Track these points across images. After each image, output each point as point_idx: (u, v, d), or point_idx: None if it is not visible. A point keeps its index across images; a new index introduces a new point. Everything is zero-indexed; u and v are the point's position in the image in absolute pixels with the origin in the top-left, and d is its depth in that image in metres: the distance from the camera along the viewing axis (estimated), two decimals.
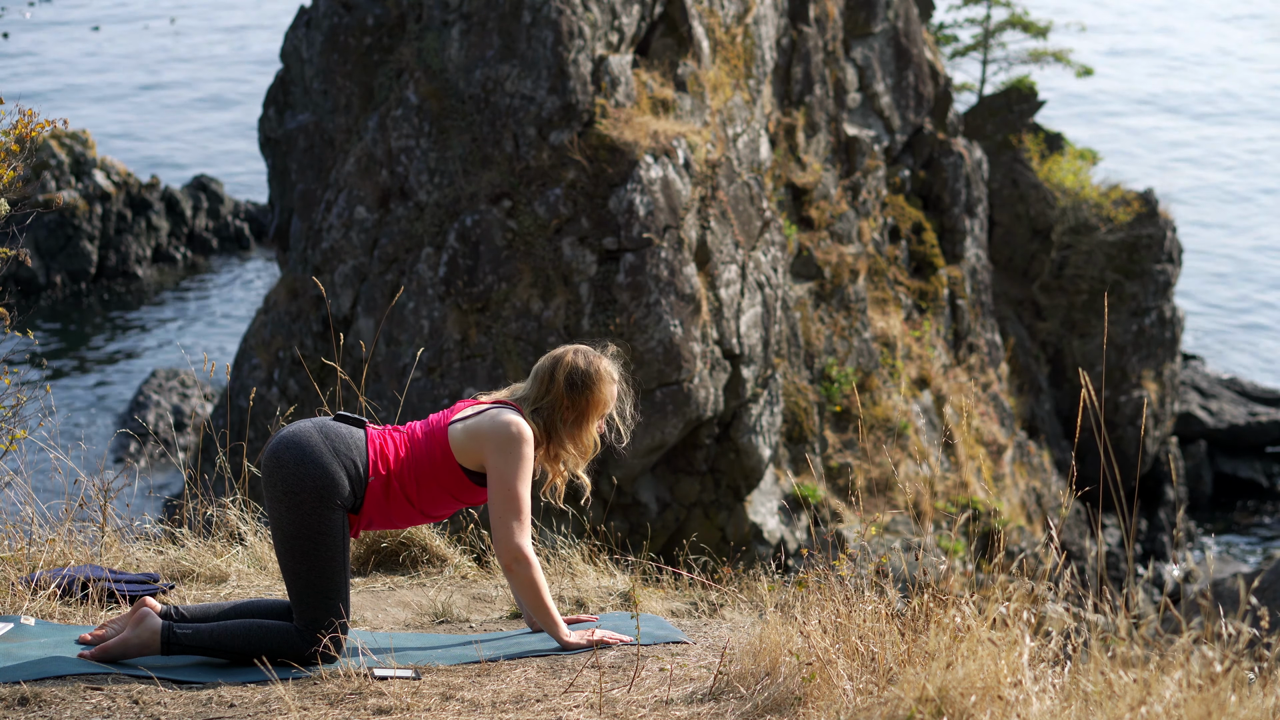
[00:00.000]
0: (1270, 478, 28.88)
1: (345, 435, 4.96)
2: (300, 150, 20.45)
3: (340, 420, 5.04)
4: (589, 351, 5.19)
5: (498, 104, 18.24)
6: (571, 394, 5.12)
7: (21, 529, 6.05)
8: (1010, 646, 3.99)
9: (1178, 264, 27.81)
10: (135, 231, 34.25)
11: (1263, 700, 3.74)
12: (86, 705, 4.47)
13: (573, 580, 6.27)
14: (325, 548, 4.84)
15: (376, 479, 4.93)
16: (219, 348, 29.66)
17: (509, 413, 5.06)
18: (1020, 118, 28.11)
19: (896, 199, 24.12)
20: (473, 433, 5.02)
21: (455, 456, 5.00)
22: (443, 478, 5.00)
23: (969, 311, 24.29)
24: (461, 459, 5.01)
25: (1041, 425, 25.86)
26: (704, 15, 20.07)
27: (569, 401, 5.12)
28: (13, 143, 6.05)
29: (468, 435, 5.02)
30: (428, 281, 17.85)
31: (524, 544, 4.95)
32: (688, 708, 4.42)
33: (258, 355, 19.26)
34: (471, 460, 5.01)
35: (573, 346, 5.20)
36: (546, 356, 5.20)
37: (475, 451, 5.00)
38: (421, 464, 5.01)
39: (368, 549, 6.42)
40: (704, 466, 18.48)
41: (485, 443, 4.99)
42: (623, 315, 17.54)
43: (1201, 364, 31.23)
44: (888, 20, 24.36)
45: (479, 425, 5.02)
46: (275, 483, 4.87)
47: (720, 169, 18.77)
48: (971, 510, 20.30)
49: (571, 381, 5.11)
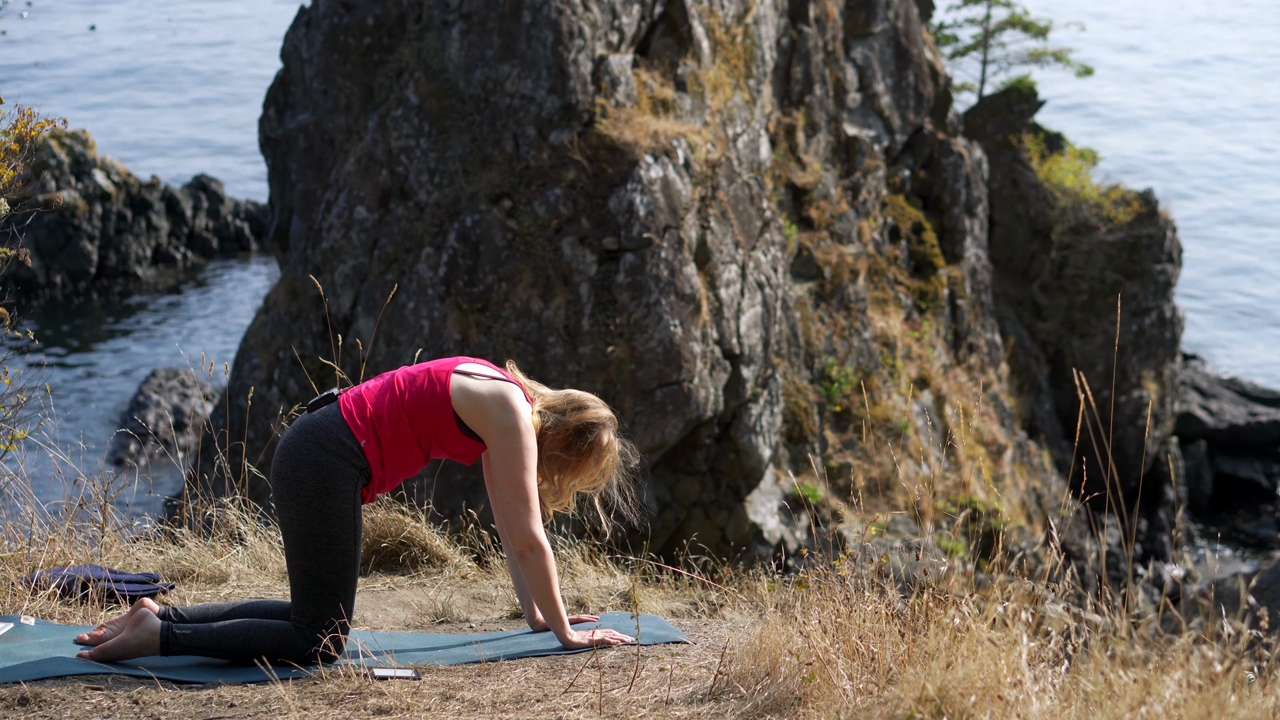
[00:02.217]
0: (1270, 478, 28.87)
1: (321, 421, 4.98)
2: (300, 150, 20.45)
3: (314, 407, 5.06)
4: (614, 426, 5.25)
5: (498, 104, 18.24)
6: (571, 437, 5.18)
7: (21, 529, 6.05)
8: (1010, 646, 3.99)
9: (1178, 264, 27.81)
10: (135, 231, 34.25)
11: (1263, 700, 3.74)
12: (86, 705, 4.47)
13: (573, 580, 6.27)
14: (338, 543, 4.88)
15: (367, 440, 4.96)
16: (219, 348, 29.66)
17: (515, 398, 5.08)
18: (1020, 118, 28.11)
19: (896, 199, 24.11)
20: (474, 399, 5.03)
21: (452, 400, 5.02)
22: (435, 417, 5.01)
23: (969, 311, 24.29)
24: (458, 408, 5.02)
25: (1041, 425, 25.86)
26: (704, 15, 20.07)
27: (564, 443, 5.18)
28: (13, 142, 6.04)
29: (469, 398, 5.02)
30: (428, 281, 17.85)
31: (537, 530, 4.99)
32: (688, 708, 4.42)
33: (258, 355, 19.26)
34: (467, 416, 5.02)
35: (610, 413, 5.25)
36: (588, 395, 5.27)
37: (475, 416, 5.02)
38: (418, 400, 5.00)
39: (368, 549, 6.42)
40: (704, 466, 18.48)
41: (488, 422, 5.01)
42: (623, 315, 17.54)
43: (1201, 364, 31.23)
44: (888, 20, 24.36)
45: (483, 398, 5.03)
46: (280, 494, 4.95)
47: (720, 169, 18.77)
48: (971, 510, 20.30)
49: (580, 430, 5.18)
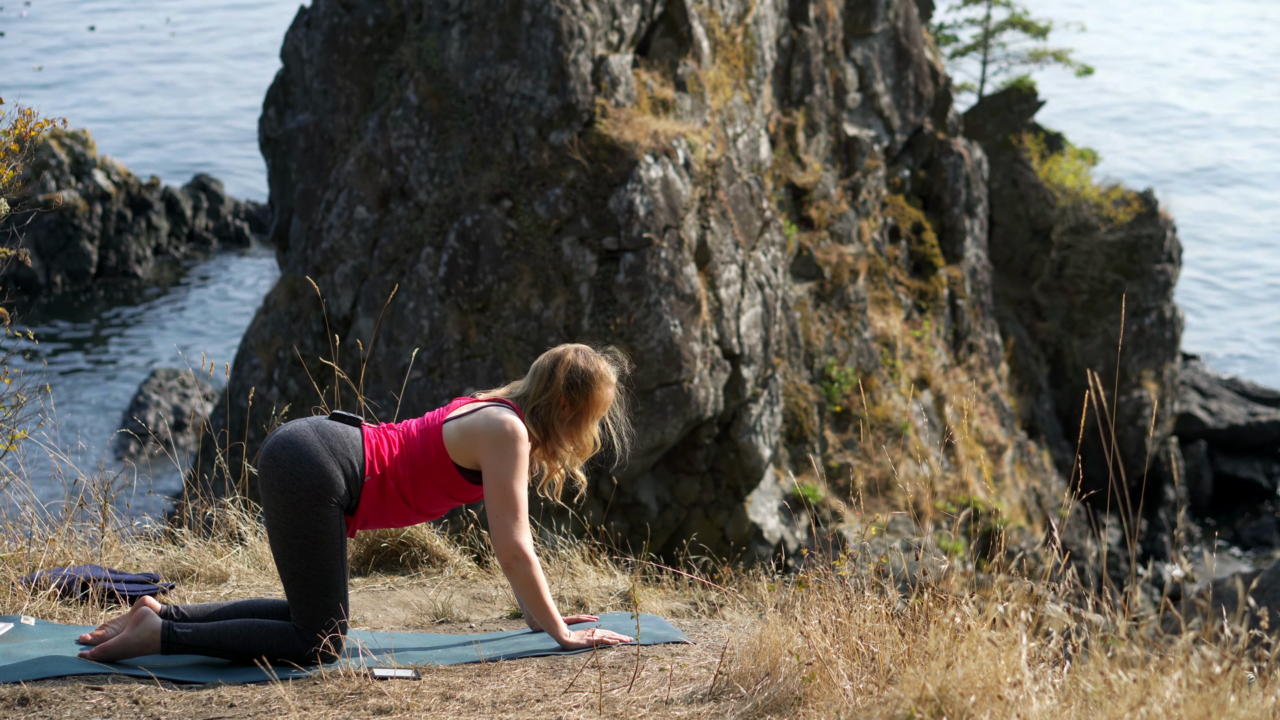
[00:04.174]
0: (1270, 478, 28.86)
1: (341, 434, 4.95)
2: (300, 150, 20.46)
3: (336, 419, 5.03)
4: (589, 352, 5.17)
5: (498, 104, 18.24)
6: (570, 393, 5.11)
7: (21, 529, 6.05)
8: (1010, 646, 3.99)
9: (1178, 264, 27.81)
10: (135, 231, 34.25)
11: (1262, 700, 3.74)
12: (86, 705, 4.47)
13: (573, 580, 6.26)
14: (323, 546, 4.84)
15: (372, 478, 4.92)
16: (219, 348, 29.65)
17: (504, 411, 5.05)
18: (1020, 118, 28.11)
19: (896, 199, 24.11)
20: (466, 431, 5.01)
21: (450, 454, 4.99)
22: (438, 476, 5.00)
23: (969, 311, 24.28)
24: (456, 457, 5.00)
25: (1041, 425, 25.86)
26: (704, 15, 20.06)
27: (567, 400, 5.11)
28: (12, 142, 6.04)
29: (462, 433, 5.01)
30: (428, 281, 17.85)
31: (523, 541, 4.95)
32: (688, 708, 4.42)
33: (258, 355, 19.26)
34: (466, 458, 5.00)
35: (573, 346, 5.18)
36: (546, 355, 5.18)
37: (469, 449, 5.00)
38: (417, 462, 5.00)
39: (368, 549, 6.42)
40: (704, 466, 18.47)
41: (479, 441, 4.98)
42: (623, 315, 17.54)
43: (1201, 364, 31.22)
44: (888, 20, 24.35)
45: (473, 423, 5.01)
46: (272, 481, 4.86)
47: (720, 169, 18.76)
48: (971, 510, 20.29)
49: (571, 381, 5.10)
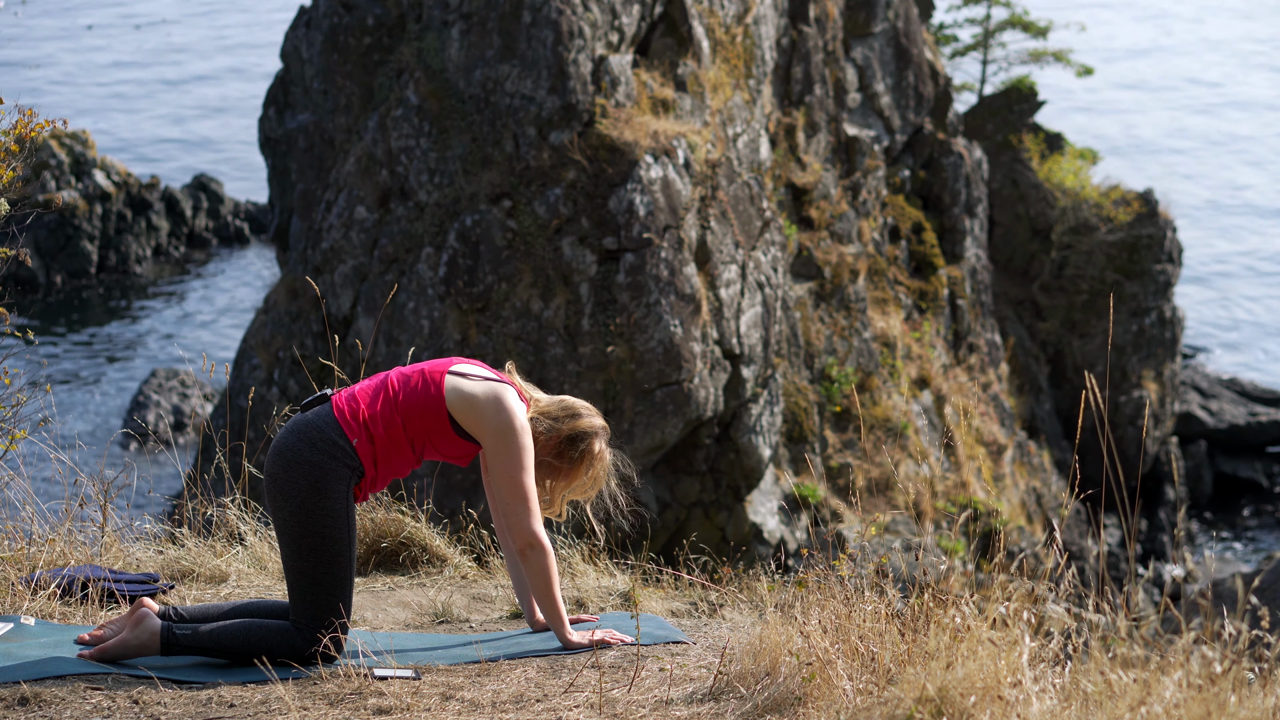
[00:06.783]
0: (1270, 478, 28.86)
1: (314, 421, 4.98)
2: (300, 150, 20.46)
3: (306, 407, 5.06)
4: (607, 435, 5.24)
5: (498, 104, 18.24)
6: (563, 444, 5.19)
7: (21, 529, 6.05)
8: (1010, 646, 3.99)
9: (1178, 264, 27.81)
10: (135, 231, 34.26)
11: (1263, 700, 3.74)
12: (86, 705, 4.47)
13: (573, 580, 6.26)
14: (332, 542, 4.88)
15: (359, 439, 4.96)
16: (219, 348, 29.65)
17: (510, 398, 5.07)
18: (1020, 118, 28.11)
19: (896, 199, 24.11)
20: (469, 400, 5.03)
21: (446, 401, 5.02)
22: (430, 419, 5.02)
23: (969, 311, 24.28)
24: (452, 410, 5.02)
25: (1041, 425, 25.86)
26: (704, 15, 20.06)
27: (556, 450, 5.19)
28: (12, 143, 6.04)
29: (464, 399, 5.02)
30: (428, 281, 17.85)
31: (538, 529, 5.00)
32: (688, 708, 4.42)
33: (258, 355, 19.26)
34: (461, 418, 5.03)
35: (603, 423, 5.24)
36: (583, 403, 5.25)
37: (469, 417, 5.02)
38: (412, 402, 5.00)
39: (368, 549, 6.42)
40: (704, 466, 18.47)
41: (483, 423, 5.01)
42: (623, 315, 17.54)
43: (1201, 364, 31.22)
44: (888, 20, 24.35)
45: (477, 399, 5.03)
46: (274, 494, 4.96)
47: (720, 169, 18.76)
48: (971, 510, 20.29)
49: (573, 438, 5.18)
